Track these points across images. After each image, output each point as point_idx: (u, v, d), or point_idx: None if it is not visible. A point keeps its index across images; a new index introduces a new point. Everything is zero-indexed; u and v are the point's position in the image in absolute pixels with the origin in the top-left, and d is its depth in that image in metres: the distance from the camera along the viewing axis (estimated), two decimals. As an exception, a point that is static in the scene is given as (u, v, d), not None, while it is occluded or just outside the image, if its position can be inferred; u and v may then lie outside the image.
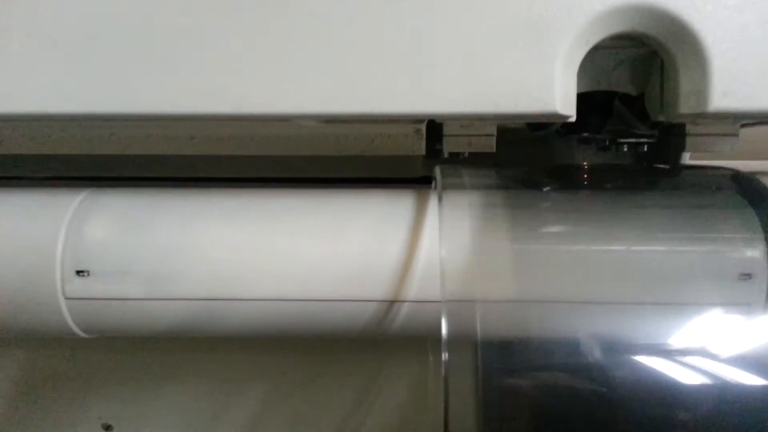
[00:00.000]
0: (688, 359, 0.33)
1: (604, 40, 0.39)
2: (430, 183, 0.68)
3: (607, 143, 0.58)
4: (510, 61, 0.37)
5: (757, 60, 0.37)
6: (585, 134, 0.49)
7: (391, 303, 0.43)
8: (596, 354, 0.33)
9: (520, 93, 0.37)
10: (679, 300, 0.34)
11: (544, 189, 0.41)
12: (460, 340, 0.34)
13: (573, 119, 0.39)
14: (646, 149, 0.58)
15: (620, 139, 0.58)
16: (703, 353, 0.33)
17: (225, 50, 0.37)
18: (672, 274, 0.35)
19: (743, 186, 0.41)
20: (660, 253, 0.36)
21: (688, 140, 0.46)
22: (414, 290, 0.43)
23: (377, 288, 0.43)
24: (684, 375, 0.33)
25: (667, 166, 0.46)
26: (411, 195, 0.46)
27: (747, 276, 0.35)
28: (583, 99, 0.41)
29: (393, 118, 0.38)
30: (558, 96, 0.37)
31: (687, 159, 0.57)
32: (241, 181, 0.49)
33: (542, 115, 0.38)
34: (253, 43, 0.37)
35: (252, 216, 0.45)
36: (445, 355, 0.33)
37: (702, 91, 0.38)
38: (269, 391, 0.66)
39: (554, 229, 0.39)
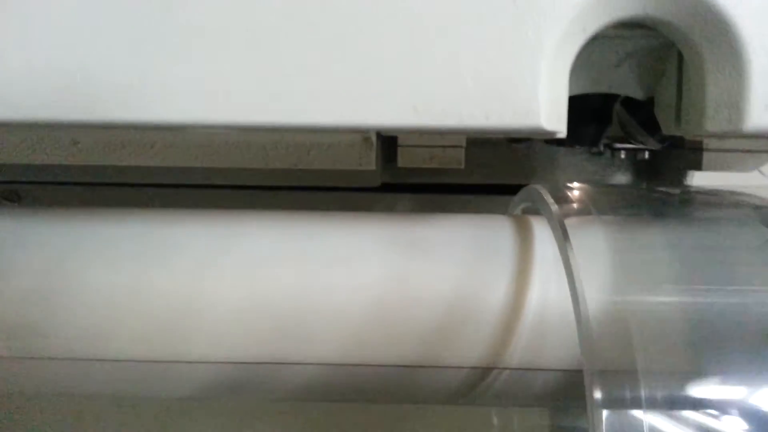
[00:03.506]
0: None
1: (606, 28, 0.29)
2: (392, 191, 0.58)
3: (602, 149, 0.49)
4: (478, 57, 0.27)
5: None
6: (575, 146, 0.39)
7: (487, 370, 0.32)
8: None
9: (492, 101, 0.27)
10: None
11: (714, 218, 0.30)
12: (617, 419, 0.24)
13: (563, 135, 0.29)
14: (647, 156, 0.49)
15: (617, 144, 0.49)
16: None
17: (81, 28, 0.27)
18: None
19: None
20: None
21: (706, 157, 0.37)
22: (519, 353, 0.31)
23: (468, 350, 0.31)
24: None
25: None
26: (506, 223, 0.33)
27: None
28: (575, 102, 0.31)
29: (320, 130, 0.28)
30: (543, 104, 0.28)
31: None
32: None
33: (521, 131, 0.28)
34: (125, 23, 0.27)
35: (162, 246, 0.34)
36: None
37: (738, 102, 0.28)
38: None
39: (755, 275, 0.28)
